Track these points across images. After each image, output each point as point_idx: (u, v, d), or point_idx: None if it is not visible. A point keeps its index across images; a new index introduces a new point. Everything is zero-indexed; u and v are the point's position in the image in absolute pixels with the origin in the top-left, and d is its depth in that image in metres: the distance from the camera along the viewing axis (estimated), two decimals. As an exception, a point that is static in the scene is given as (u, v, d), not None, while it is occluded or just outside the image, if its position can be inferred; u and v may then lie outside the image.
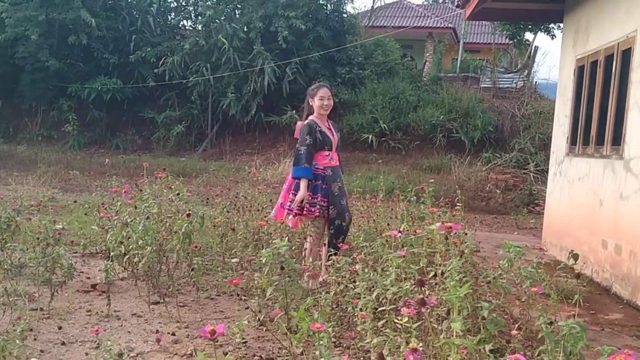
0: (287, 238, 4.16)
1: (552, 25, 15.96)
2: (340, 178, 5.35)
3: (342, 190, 5.33)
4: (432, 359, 3.05)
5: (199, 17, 21.25)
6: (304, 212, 5.30)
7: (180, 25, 22.74)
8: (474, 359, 2.76)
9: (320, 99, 5.28)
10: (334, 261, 4.17)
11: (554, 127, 8.54)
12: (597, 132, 6.64)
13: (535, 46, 23.22)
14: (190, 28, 22.50)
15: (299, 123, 5.48)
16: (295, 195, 5.24)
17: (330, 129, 5.38)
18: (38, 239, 4.80)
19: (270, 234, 5.57)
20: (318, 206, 5.24)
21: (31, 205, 6.92)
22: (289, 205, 5.32)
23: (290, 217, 5.32)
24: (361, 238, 4.80)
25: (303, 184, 5.18)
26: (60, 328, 4.10)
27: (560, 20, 8.67)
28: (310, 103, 5.37)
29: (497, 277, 3.67)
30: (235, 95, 19.08)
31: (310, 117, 5.37)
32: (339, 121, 17.40)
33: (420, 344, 2.24)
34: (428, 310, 2.77)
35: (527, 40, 21.79)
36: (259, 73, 18.87)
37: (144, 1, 21.61)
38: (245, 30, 19.43)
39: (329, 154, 5.32)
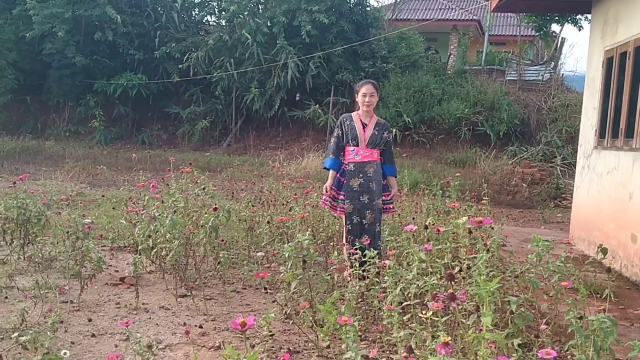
0: (308, 231, 4.17)
1: (579, 16, 15.67)
2: (364, 174, 5.21)
3: (365, 187, 5.20)
4: (459, 353, 3.04)
5: (223, 13, 21.31)
6: (326, 207, 5.41)
7: (204, 21, 22.84)
8: (503, 354, 2.75)
9: (362, 95, 5.24)
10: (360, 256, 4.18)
11: (581, 120, 8.41)
12: (627, 124, 6.52)
13: (562, 38, 22.86)
14: (214, 23, 22.56)
15: None
16: (333, 187, 5.35)
17: (365, 125, 5.28)
18: (68, 232, 4.89)
19: (295, 227, 5.58)
20: (332, 200, 5.32)
21: (60, 199, 7.01)
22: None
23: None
24: (386, 232, 4.80)
25: (330, 174, 5.34)
26: (90, 320, 4.18)
27: (588, 11, 8.52)
28: (356, 99, 5.37)
29: (525, 271, 3.64)
30: (259, 90, 19.12)
31: (355, 112, 5.41)
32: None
33: (449, 338, 2.24)
34: (457, 305, 2.76)
35: (554, 32, 21.43)
36: (283, 68, 18.87)
37: (168, -3, 21.78)
38: (269, 25, 19.44)
39: (354, 150, 5.27)
